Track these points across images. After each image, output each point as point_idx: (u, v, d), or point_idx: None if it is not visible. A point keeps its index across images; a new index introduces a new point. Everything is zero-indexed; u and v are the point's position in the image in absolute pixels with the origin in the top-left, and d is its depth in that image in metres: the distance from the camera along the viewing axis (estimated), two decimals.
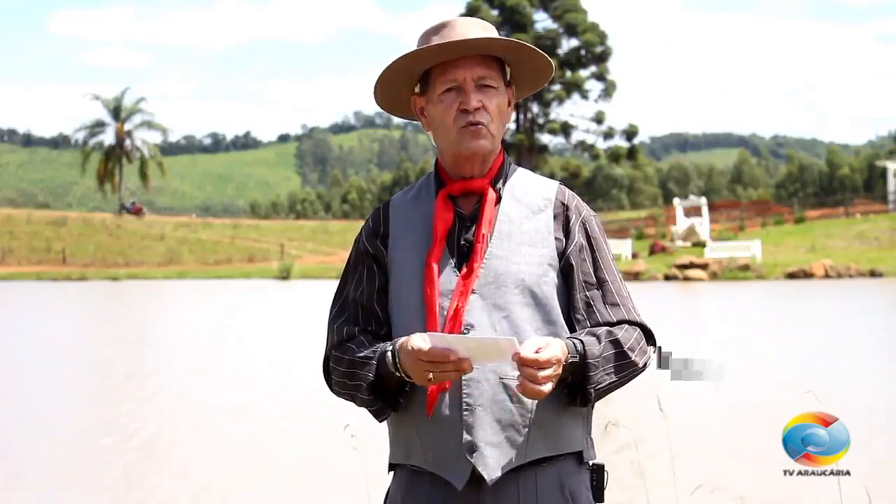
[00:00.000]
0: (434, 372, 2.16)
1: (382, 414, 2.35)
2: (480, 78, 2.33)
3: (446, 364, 2.15)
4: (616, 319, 2.34)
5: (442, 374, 2.17)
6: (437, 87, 2.35)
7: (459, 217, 2.36)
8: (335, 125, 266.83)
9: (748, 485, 7.25)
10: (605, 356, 2.26)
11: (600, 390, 2.28)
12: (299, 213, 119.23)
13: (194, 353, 17.00)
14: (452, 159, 2.38)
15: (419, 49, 2.34)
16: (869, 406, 10.50)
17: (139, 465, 8.62)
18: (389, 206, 2.46)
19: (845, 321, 21.21)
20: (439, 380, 2.18)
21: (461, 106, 2.32)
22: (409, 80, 2.40)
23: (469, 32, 2.33)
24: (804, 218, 55.79)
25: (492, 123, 2.34)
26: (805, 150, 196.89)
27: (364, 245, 2.44)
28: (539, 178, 2.46)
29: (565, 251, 2.35)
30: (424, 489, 2.31)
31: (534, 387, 2.13)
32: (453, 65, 2.33)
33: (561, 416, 2.30)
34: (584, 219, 2.40)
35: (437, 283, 2.30)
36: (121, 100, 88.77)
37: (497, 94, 2.35)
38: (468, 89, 2.32)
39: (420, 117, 2.43)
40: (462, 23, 2.35)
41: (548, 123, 62.98)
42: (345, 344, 2.37)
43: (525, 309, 2.30)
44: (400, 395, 2.32)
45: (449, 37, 2.32)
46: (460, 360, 2.14)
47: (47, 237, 65.90)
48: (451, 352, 2.14)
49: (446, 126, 2.34)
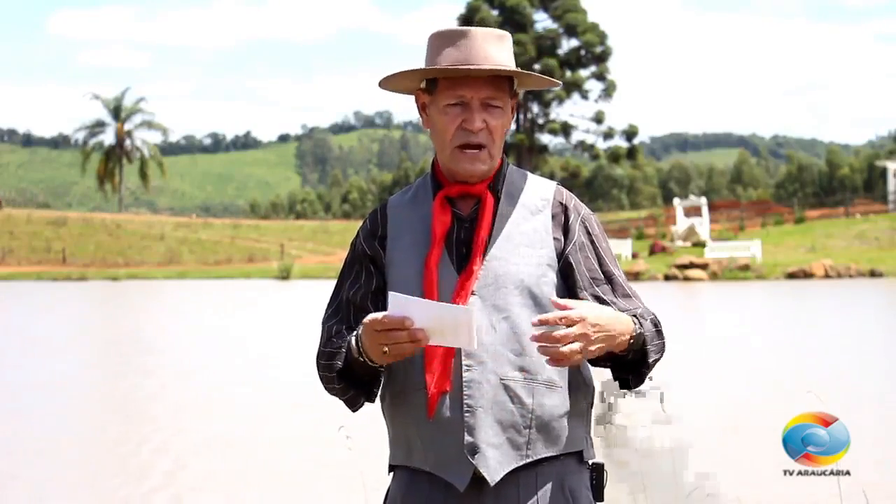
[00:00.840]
0: (388, 344, 2.15)
1: (355, 403, 2.37)
2: (488, 98, 2.32)
3: (400, 333, 2.13)
4: (632, 311, 2.34)
5: (396, 347, 2.15)
6: (443, 98, 2.33)
7: (458, 218, 2.36)
8: (335, 125, 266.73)
9: (748, 485, 7.24)
10: (650, 332, 2.30)
11: (651, 369, 2.31)
12: (299, 213, 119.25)
13: (194, 352, 16.99)
14: (449, 171, 2.38)
15: (430, 68, 2.32)
16: (869, 406, 10.50)
17: (139, 464, 8.61)
18: (387, 207, 2.46)
19: (845, 321, 21.20)
20: (394, 353, 2.16)
21: (464, 124, 2.31)
22: (417, 74, 2.39)
23: (486, 49, 2.30)
24: (804, 218, 55.78)
25: (493, 145, 2.34)
26: (805, 150, 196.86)
27: (362, 246, 2.44)
28: (537, 178, 2.46)
29: (564, 251, 2.36)
30: (424, 490, 2.31)
31: (557, 349, 2.10)
32: (462, 81, 2.31)
33: (562, 417, 2.31)
34: (584, 217, 2.40)
35: (436, 284, 2.29)
36: (121, 100, 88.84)
37: (502, 114, 2.34)
38: (473, 108, 2.31)
39: (421, 112, 2.43)
40: (480, 37, 2.32)
41: (548, 123, 63.00)
42: (331, 339, 2.38)
43: (524, 309, 2.30)
44: (373, 385, 2.34)
45: (465, 50, 2.30)
46: (415, 330, 2.13)
47: (47, 237, 65.91)
48: (405, 319, 2.13)
49: (446, 139, 2.34)
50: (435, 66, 2.32)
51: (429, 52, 2.36)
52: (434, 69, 2.32)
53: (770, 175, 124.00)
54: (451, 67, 2.29)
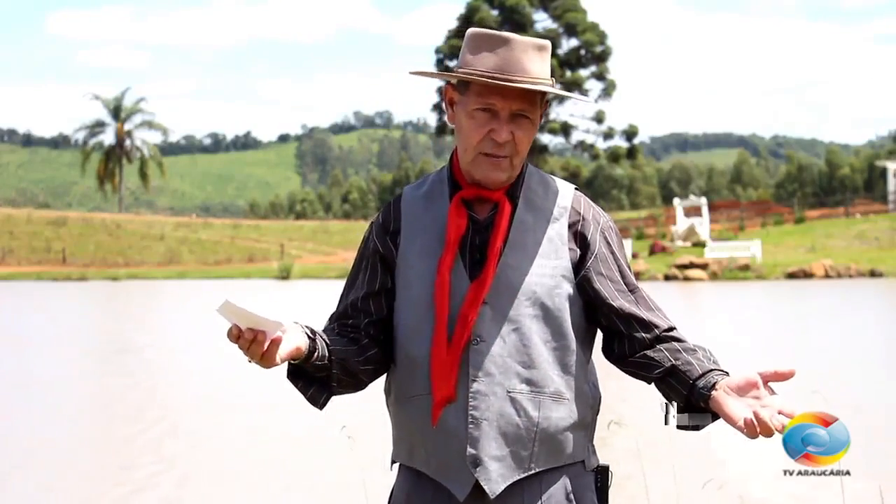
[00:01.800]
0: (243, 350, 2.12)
1: (316, 400, 2.32)
2: (519, 110, 2.27)
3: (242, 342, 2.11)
4: (665, 325, 2.32)
5: (248, 353, 2.12)
6: (473, 101, 2.27)
7: (473, 223, 2.31)
8: (335, 125, 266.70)
9: (748, 485, 7.24)
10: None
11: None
12: (299, 213, 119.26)
13: (193, 352, 16.98)
14: (468, 174, 2.33)
15: (465, 76, 2.26)
16: (869, 406, 10.50)
17: (137, 464, 8.61)
18: (401, 200, 2.41)
19: (845, 321, 21.20)
20: (251, 357, 2.13)
21: (491, 134, 2.25)
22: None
23: (524, 61, 2.23)
24: (804, 218, 55.80)
25: (517, 156, 2.28)
26: (805, 150, 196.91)
27: (374, 243, 2.39)
28: (555, 181, 2.40)
29: (581, 262, 2.31)
30: (429, 493, 2.30)
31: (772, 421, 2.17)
32: (495, 90, 2.24)
33: (567, 429, 2.28)
34: (604, 228, 2.35)
35: (448, 289, 2.25)
36: (121, 100, 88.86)
37: (531, 126, 2.29)
38: (503, 118, 2.25)
39: (447, 107, 2.36)
40: (520, 48, 2.24)
41: (548, 123, 62.95)
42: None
43: (535, 321, 2.26)
44: (330, 380, 2.28)
45: (505, 58, 2.23)
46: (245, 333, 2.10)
47: (47, 237, 65.92)
48: (233, 327, 2.10)
49: (471, 143, 2.28)
50: (471, 72, 2.25)
51: (465, 50, 2.29)
52: (469, 75, 2.25)
53: (770, 175, 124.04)
54: (486, 78, 2.22)
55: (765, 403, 2.18)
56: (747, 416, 2.14)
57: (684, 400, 2.27)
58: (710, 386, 2.20)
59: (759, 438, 2.17)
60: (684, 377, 2.25)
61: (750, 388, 2.18)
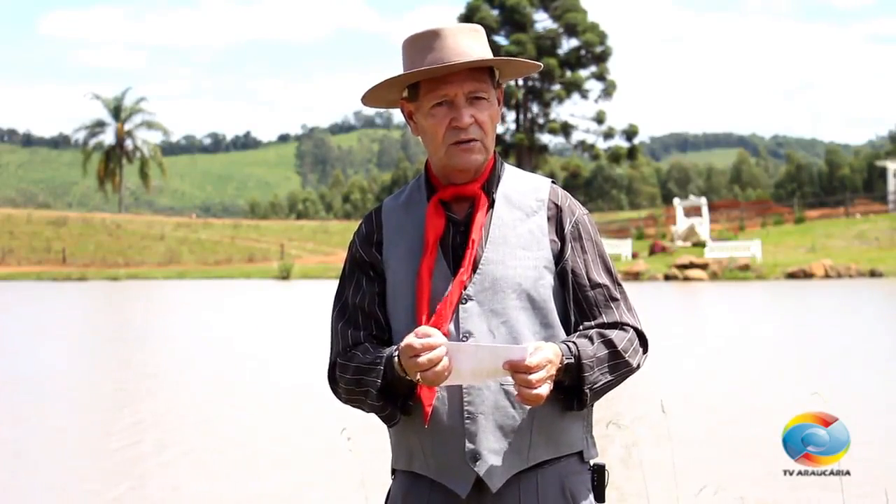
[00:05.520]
0: (420, 371, 2.13)
1: (392, 419, 2.31)
2: (472, 92, 2.29)
3: (434, 364, 2.11)
4: (609, 321, 2.33)
5: (428, 374, 2.13)
6: (427, 100, 2.30)
7: (453, 222, 2.34)
8: (335, 125, 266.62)
9: (748, 485, 7.24)
10: (598, 356, 2.26)
11: (596, 390, 2.27)
12: (300, 213, 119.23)
13: (193, 352, 16.98)
14: (443, 170, 2.36)
15: (409, 73, 2.29)
16: (869, 406, 10.49)
17: (136, 464, 8.61)
18: (382, 210, 2.43)
19: (845, 321, 21.20)
20: (428, 380, 2.14)
21: (453, 123, 2.28)
22: (398, 84, 2.36)
23: (460, 44, 2.28)
24: (804, 218, 55.76)
25: (485, 137, 2.31)
26: (804, 150, 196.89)
27: (359, 253, 2.41)
28: (530, 176, 2.43)
29: (561, 253, 2.34)
30: (425, 493, 2.30)
31: (529, 391, 2.12)
32: (443, 80, 2.29)
33: (561, 419, 2.30)
34: (577, 220, 2.38)
35: (428, 290, 2.27)
36: (121, 100, 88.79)
37: (489, 105, 2.31)
38: (459, 104, 2.28)
39: (409, 121, 2.40)
40: (452, 34, 2.29)
41: (548, 123, 62.94)
42: (350, 350, 2.34)
43: (522, 313, 2.28)
44: (410, 399, 2.28)
45: (440, 49, 2.27)
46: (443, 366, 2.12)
47: (47, 237, 65.88)
48: (436, 349, 2.11)
49: (437, 140, 2.31)
50: (410, 71, 2.28)
51: (405, 59, 2.33)
52: (413, 73, 2.28)
53: (770, 175, 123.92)
54: (430, 68, 2.25)
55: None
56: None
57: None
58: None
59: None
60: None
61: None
